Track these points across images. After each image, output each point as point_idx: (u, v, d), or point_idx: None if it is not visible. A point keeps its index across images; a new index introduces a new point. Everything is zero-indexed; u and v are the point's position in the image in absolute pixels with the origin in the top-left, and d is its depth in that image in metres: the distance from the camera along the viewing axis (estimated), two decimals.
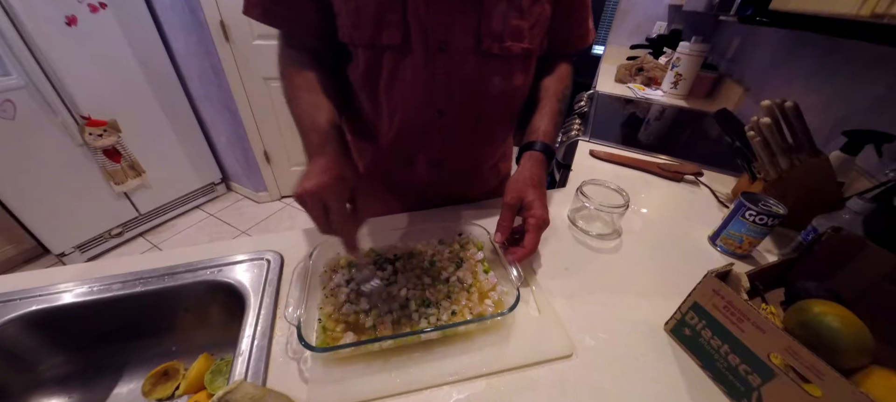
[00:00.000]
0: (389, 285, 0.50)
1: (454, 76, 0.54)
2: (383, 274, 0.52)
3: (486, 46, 0.52)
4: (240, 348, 0.45)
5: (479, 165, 0.71)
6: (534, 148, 0.59)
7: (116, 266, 0.56)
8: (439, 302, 0.48)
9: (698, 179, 0.89)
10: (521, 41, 0.55)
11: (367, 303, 0.47)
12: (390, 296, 0.49)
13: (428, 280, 0.52)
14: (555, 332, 0.48)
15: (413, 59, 0.53)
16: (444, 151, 0.64)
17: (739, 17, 1.02)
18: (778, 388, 0.37)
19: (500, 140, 0.70)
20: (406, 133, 0.61)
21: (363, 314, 0.46)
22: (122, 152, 1.77)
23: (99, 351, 0.55)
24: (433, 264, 0.54)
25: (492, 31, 0.52)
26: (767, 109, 0.68)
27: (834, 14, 0.57)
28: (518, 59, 0.57)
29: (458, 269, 0.53)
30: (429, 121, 0.59)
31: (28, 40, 1.39)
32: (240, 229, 2.11)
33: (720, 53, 1.88)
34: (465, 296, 0.49)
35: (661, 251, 0.65)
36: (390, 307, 0.47)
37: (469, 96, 0.57)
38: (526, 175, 0.56)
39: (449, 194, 0.73)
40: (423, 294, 0.49)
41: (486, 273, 0.53)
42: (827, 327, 0.41)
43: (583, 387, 0.43)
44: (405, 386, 0.41)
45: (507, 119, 0.66)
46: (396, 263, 0.54)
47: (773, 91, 1.31)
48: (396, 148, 0.65)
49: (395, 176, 0.71)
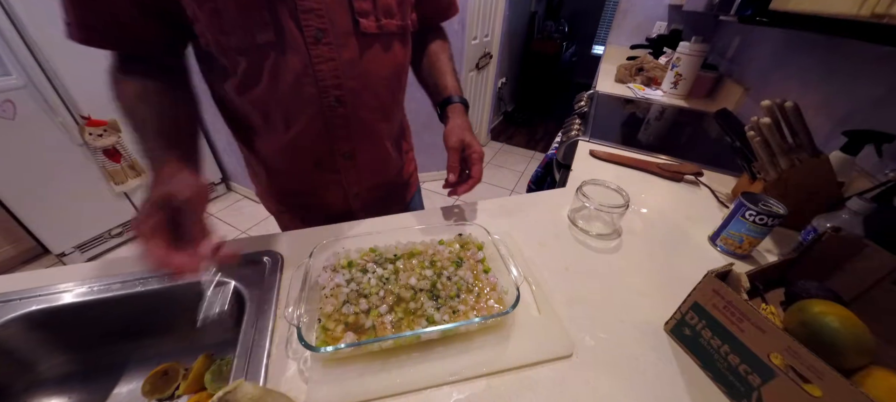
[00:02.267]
0: (388, 284, 0.50)
1: (340, 62, 0.53)
2: (385, 273, 0.52)
3: (364, 27, 0.52)
4: (240, 348, 0.45)
5: (387, 149, 0.70)
6: (453, 101, 0.67)
7: (116, 266, 0.56)
8: (447, 298, 0.48)
9: (698, 179, 0.89)
10: (394, 18, 0.55)
11: (367, 304, 0.47)
12: (392, 293, 0.49)
13: (430, 273, 0.52)
14: (555, 332, 0.48)
15: (292, 53, 0.50)
16: (351, 140, 0.62)
17: (739, 17, 1.02)
18: (778, 388, 0.37)
19: (396, 119, 0.70)
20: (309, 132, 0.58)
21: (363, 315, 0.46)
22: (122, 152, 1.77)
23: (99, 351, 0.55)
24: (434, 263, 0.54)
25: (364, 10, 0.51)
26: (767, 109, 0.68)
27: (834, 14, 0.57)
28: (396, 37, 0.58)
29: (459, 268, 0.53)
30: (329, 113, 0.56)
31: (28, 40, 1.39)
32: (240, 228, 2.11)
33: (720, 53, 1.88)
34: (469, 295, 0.50)
35: (661, 251, 0.65)
36: (390, 306, 0.47)
37: (359, 79, 0.56)
38: (458, 122, 0.64)
39: (368, 196, 0.72)
40: (434, 287, 0.50)
41: (486, 273, 0.53)
42: (827, 327, 0.41)
43: (583, 387, 0.43)
44: (405, 386, 0.41)
45: (397, 96, 0.67)
46: (397, 262, 0.54)
47: (773, 91, 1.31)
48: (300, 153, 0.61)
49: (304, 187, 0.68)
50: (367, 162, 0.67)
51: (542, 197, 0.79)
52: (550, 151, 1.38)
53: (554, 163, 1.28)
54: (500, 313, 0.47)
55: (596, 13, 4.65)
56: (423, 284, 0.50)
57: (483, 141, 3.24)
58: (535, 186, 1.45)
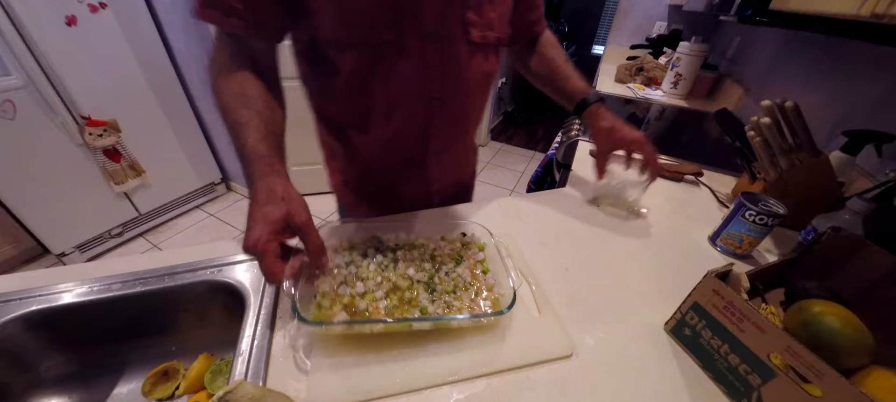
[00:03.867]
0: (386, 271, 0.51)
1: (447, 65, 0.57)
2: (384, 260, 0.52)
3: (471, 36, 0.56)
4: (240, 348, 0.45)
5: (468, 148, 0.77)
6: (591, 102, 0.70)
7: (116, 266, 0.56)
8: (442, 293, 0.49)
9: (698, 179, 0.89)
10: (494, 30, 0.59)
11: (364, 287, 0.48)
12: (389, 281, 0.50)
13: (429, 266, 0.52)
14: (555, 332, 0.48)
15: (408, 53, 0.53)
16: (445, 140, 0.67)
17: (739, 17, 1.02)
18: (778, 388, 0.37)
19: (479, 121, 0.74)
20: (407, 127, 0.62)
21: (358, 297, 0.47)
22: (122, 152, 1.77)
23: (99, 351, 0.55)
24: (434, 258, 0.54)
25: (473, 21, 0.55)
26: (767, 109, 0.68)
27: (834, 14, 0.57)
28: (492, 47, 0.62)
29: (458, 266, 0.53)
30: (429, 111, 0.61)
31: (28, 40, 1.39)
32: (240, 228, 2.11)
33: (720, 53, 1.88)
34: (465, 293, 0.50)
35: (661, 251, 0.65)
36: (386, 292, 0.48)
37: (461, 84, 0.60)
38: (606, 125, 0.68)
39: (445, 192, 0.76)
40: (431, 280, 0.50)
41: (485, 274, 0.53)
42: (827, 327, 0.41)
43: (583, 387, 0.43)
44: (405, 386, 0.41)
45: (485, 102, 0.71)
46: (397, 252, 0.54)
47: (773, 91, 1.31)
48: (397, 148, 0.65)
49: (388, 180, 0.71)
50: (451, 159, 0.72)
51: (543, 197, 0.79)
52: (550, 151, 1.38)
53: (554, 163, 1.28)
54: (491, 313, 0.47)
55: (596, 13, 4.64)
56: (421, 275, 0.51)
57: (482, 141, 3.24)
58: (534, 187, 1.45)
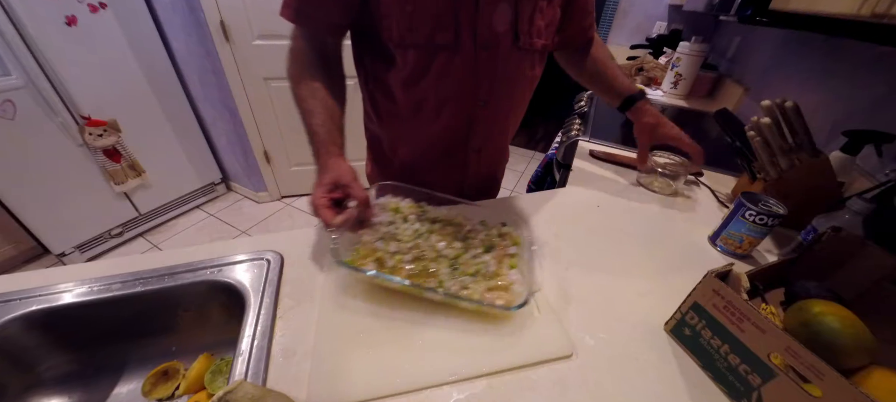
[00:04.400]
0: (419, 238, 0.55)
1: (496, 70, 0.61)
2: (421, 228, 0.57)
3: (520, 43, 0.60)
4: (240, 348, 0.45)
5: (505, 147, 0.81)
6: (637, 99, 0.76)
7: (116, 266, 0.56)
8: (463, 273, 0.51)
9: (698, 179, 0.89)
10: (542, 38, 0.63)
11: (396, 246, 0.53)
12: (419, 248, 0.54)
13: (459, 245, 0.55)
14: (555, 332, 0.48)
15: (462, 55, 0.58)
16: (484, 138, 0.71)
17: (739, 17, 1.02)
18: (778, 388, 0.37)
19: (517, 124, 0.78)
20: (453, 125, 0.67)
21: (389, 255, 0.52)
22: (122, 152, 1.77)
23: (99, 351, 0.55)
24: (467, 239, 0.56)
25: (523, 29, 0.59)
26: (767, 109, 0.68)
27: (834, 14, 0.57)
28: (538, 54, 0.66)
29: (487, 253, 0.55)
30: (475, 112, 0.66)
31: (28, 40, 1.39)
32: (240, 228, 2.11)
33: (720, 53, 1.88)
34: (483, 281, 0.51)
35: (661, 251, 0.65)
36: (414, 258, 0.52)
37: (506, 87, 0.65)
38: (650, 121, 0.76)
39: (477, 187, 0.81)
40: (456, 259, 0.53)
41: (511, 268, 0.54)
42: (827, 327, 0.41)
43: (583, 387, 0.43)
44: (406, 386, 0.41)
45: (526, 105, 0.76)
46: (435, 224, 0.58)
47: (773, 91, 1.31)
48: (440, 141, 0.70)
49: (425, 169, 0.75)
50: (489, 156, 0.76)
51: (543, 197, 0.79)
52: (550, 151, 1.38)
53: (554, 163, 1.28)
54: (498, 307, 0.47)
55: (596, 13, 4.65)
56: (449, 252, 0.54)
57: None
58: (534, 187, 1.45)
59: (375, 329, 0.47)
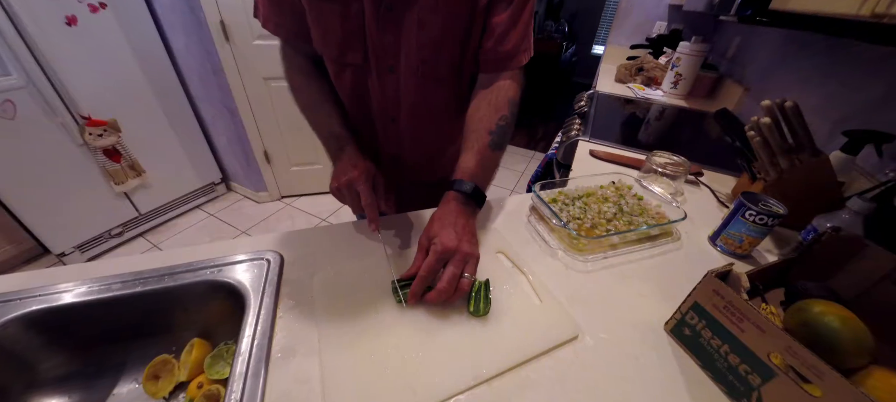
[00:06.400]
0: (588, 211, 0.69)
1: (402, 91, 0.65)
2: (580, 204, 0.71)
3: (422, 72, 0.62)
4: (240, 348, 0.45)
5: (435, 154, 0.80)
6: (453, 188, 0.58)
7: (116, 266, 0.56)
8: (631, 215, 0.69)
9: (698, 179, 0.89)
10: (447, 66, 0.63)
11: (589, 220, 0.67)
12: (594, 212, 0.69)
13: (611, 204, 0.71)
14: (558, 316, 0.49)
15: (371, 76, 0.64)
16: (398, 147, 0.76)
17: (739, 17, 1.02)
18: (778, 388, 0.37)
19: (453, 132, 0.71)
20: (368, 135, 0.74)
21: (588, 225, 0.65)
22: (122, 152, 1.77)
23: (99, 351, 0.55)
24: (607, 199, 0.73)
25: (426, 58, 0.61)
26: (767, 109, 0.68)
27: (834, 14, 0.57)
28: (444, 80, 0.66)
29: (622, 199, 0.74)
30: (386, 125, 0.72)
31: (28, 40, 1.39)
32: (240, 228, 2.11)
33: (720, 53, 1.88)
34: (643, 215, 0.69)
35: (660, 251, 0.65)
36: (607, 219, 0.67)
37: (414, 107, 0.68)
38: (438, 216, 0.55)
39: (412, 191, 0.85)
40: (621, 211, 0.70)
41: (640, 200, 0.75)
42: (827, 327, 0.41)
43: (583, 387, 0.43)
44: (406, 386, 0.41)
45: (451, 118, 0.71)
46: (580, 199, 0.73)
47: (773, 91, 1.31)
48: (363, 143, 0.71)
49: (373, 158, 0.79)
50: (413, 163, 0.79)
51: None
52: (550, 151, 1.38)
53: (554, 163, 1.28)
54: (673, 221, 0.67)
55: (596, 13, 4.64)
56: (612, 208, 0.69)
57: None
58: None
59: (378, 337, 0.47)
